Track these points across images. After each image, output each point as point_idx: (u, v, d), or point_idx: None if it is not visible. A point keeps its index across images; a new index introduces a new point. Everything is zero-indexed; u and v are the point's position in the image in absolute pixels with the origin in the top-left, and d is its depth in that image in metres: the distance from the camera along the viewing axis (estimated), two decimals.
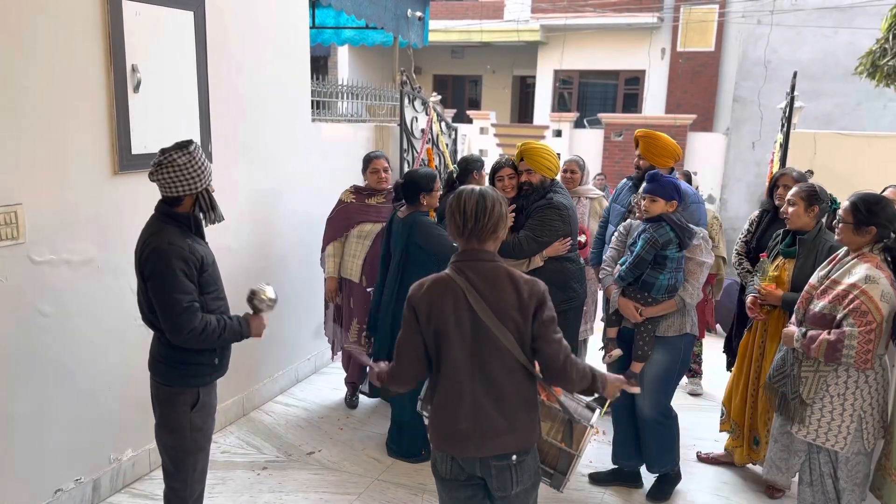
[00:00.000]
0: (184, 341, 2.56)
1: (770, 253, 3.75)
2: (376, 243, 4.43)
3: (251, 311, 2.81)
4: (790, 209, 3.52)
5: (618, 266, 3.55)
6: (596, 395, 2.59)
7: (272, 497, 3.64)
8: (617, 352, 3.59)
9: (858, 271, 2.82)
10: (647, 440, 3.60)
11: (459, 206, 2.28)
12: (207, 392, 2.76)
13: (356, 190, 4.60)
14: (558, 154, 4.19)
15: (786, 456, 3.28)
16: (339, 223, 4.53)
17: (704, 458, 4.13)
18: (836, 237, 3.03)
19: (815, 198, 3.46)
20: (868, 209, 2.88)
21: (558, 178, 4.63)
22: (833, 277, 2.92)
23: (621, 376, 2.55)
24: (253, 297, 2.78)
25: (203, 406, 2.73)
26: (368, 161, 4.58)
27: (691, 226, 3.45)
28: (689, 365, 3.69)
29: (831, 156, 5.95)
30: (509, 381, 2.26)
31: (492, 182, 4.05)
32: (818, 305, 2.93)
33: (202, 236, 2.74)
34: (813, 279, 3.06)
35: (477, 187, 2.35)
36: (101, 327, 3.39)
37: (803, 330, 2.99)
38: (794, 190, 3.56)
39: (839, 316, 2.82)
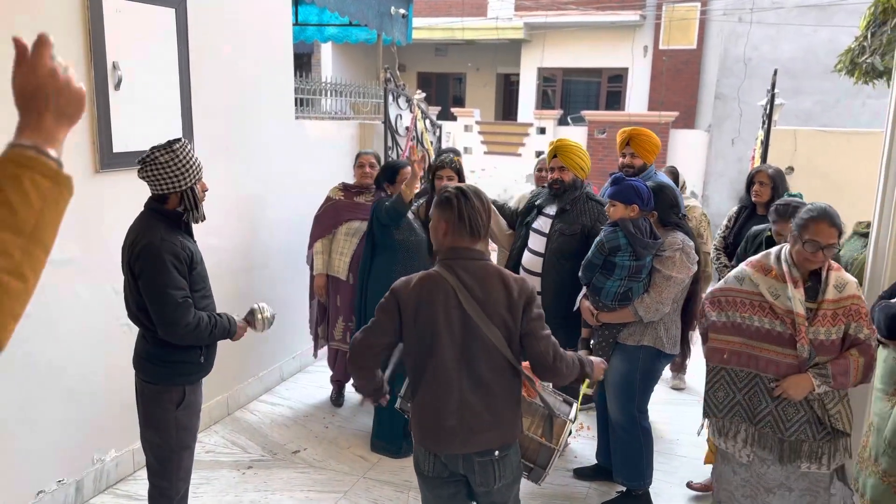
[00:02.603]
0: (179, 337, 2.55)
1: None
2: (364, 241, 4.43)
3: (244, 317, 2.85)
4: (780, 238, 3.35)
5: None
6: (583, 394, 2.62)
7: (258, 496, 3.63)
8: (583, 352, 3.61)
9: (846, 281, 2.68)
10: (613, 443, 3.56)
11: (469, 207, 2.29)
12: (193, 390, 2.75)
13: (345, 187, 4.61)
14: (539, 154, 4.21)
15: (812, 499, 2.83)
16: (328, 220, 4.53)
17: (695, 487, 3.81)
18: (814, 264, 2.68)
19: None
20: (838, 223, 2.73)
21: (533, 176, 4.66)
22: (826, 298, 2.64)
23: (602, 360, 2.62)
24: (252, 316, 2.85)
25: (189, 404, 2.72)
26: (357, 157, 4.63)
27: (678, 235, 3.28)
28: (654, 378, 3.48)
29: (812, 152, 6.01)
30: (496, 379, 2.28)
31: (431, 181, 4.05)
32: (821, 332, 2.63)
33: (191, 234, 2.73)
34: (797, 307, 2.64)
35: (472, 186, 2.38)
36: (84, 327, 3.36)
37: (821, 370, 2.63)
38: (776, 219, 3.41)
39: (851, 330, 2.63)
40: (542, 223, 3.83)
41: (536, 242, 3.82)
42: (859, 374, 2.61)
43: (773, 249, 2.81)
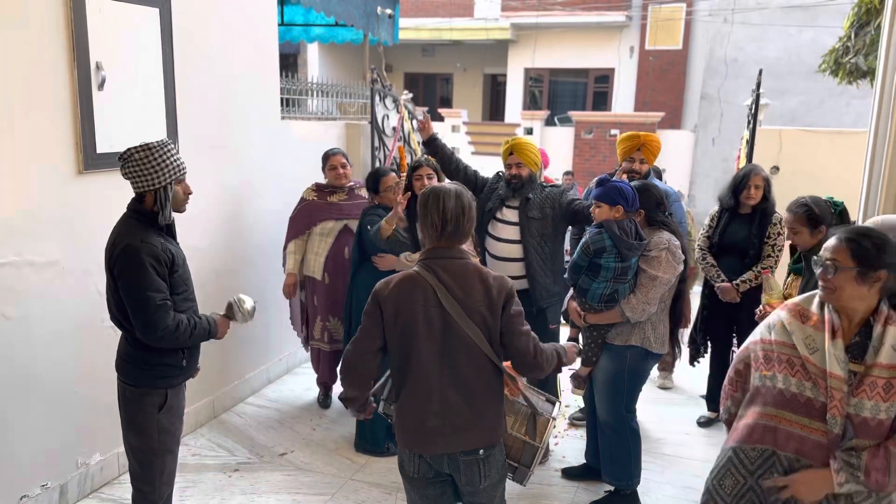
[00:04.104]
0: (157, 340, 2.52)
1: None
2: (338, 241, 4.44)
3: (222, 313, 2.80)
4: (794, 237, 3.36)
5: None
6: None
7: (244, 499, 3.61)
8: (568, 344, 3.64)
9: None
10: (601, 443, 3.56)
11: (439, 209, 2.27)
12: (175, 393, 2.72)
13: (318, 188, 4.58)
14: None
15: None
16: (301, 221, 4.51)
17: None
18: (825, 292, 2.04)
19: (816, 219, 3.29)
20: (878, 247, 1.97)
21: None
22: (879, 361, 1.92)
23: (574, 344, 2.64)
24: (231, 309, 2.80)
25: (171, 408, 2.69)
26: (326, 158, 4.58)
27: (664, 234, 3.27)
28: (643, 377, 3.46)
29: (796, 152, 6.06)
30: (478, 377, 2.28)
31: (409, 180, 4.03)
32: (865, 407, 1.92)
33: (173, 236, 2.70)
34: (834, 367, 1.96)
35: (451, 186, 2.35)
36: (67, 330, 3.33)
37: (851, 459, 1.92)
38: (788, 216, 3.36)
39: None
40: (509, 214, 3.95)
41: (507, 231, 3.93)
42: None
43: (820, 291, 2.10)
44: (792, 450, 2.00)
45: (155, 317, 2.48)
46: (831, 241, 2.02)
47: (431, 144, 4.31)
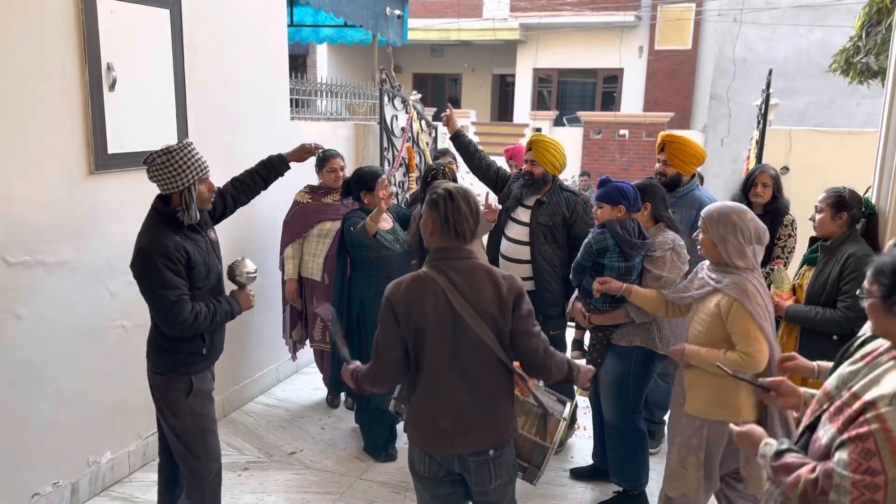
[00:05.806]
0: (179, 332, 2.65)
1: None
2: (336, 241, 4.39)
3: (235, 287, 2.91)
4: (817, 216, 3.35)
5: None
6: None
7: (253, 498, 3.62)
8: (576, 353, 3.62)
9: (889, 381, 1.64)
10: (608, 444, 3.56)
11: (469, 207, 2.28)
12: (200, 379, 2.81)
13: (311, 189, 4.55)
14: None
15: None
16: (297, 224, 4.48)
17: None
18: (870, 326, 1.83)
19: (842, 204, 3.26)
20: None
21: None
22: (854, 389, 1.71)
23: (592, 367, 2.54)
24: (233, 271, 2.89)
25: (198, 392, 2.80)
26: (325, 160, 4.50)
27: (668, 234, 3.26)
28: (648, 379, 3.43)
29: (806, 152, 6.03)
30: (488, 377, 2.28)
31: (424, 188, 4.00)
32: (826, 433, 1.73)
33: (197, 232, 2.76)
34: (830, 382, 1.86)
35: (459, 187, 2.35)
36: (78, 329, 3.35)
37: (782, 445, 1.83)
38: (821, 196, 3.35)
39: (835, 444, 1.66)
40: (522, 213, 3.92)
41: (519, 232, 3.90)
42: (797, 491, 1.69)
43: None
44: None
45: (172, 311, 2.59)
46: (868, 269, 1.80)
47: (458, 139, 4.26)
